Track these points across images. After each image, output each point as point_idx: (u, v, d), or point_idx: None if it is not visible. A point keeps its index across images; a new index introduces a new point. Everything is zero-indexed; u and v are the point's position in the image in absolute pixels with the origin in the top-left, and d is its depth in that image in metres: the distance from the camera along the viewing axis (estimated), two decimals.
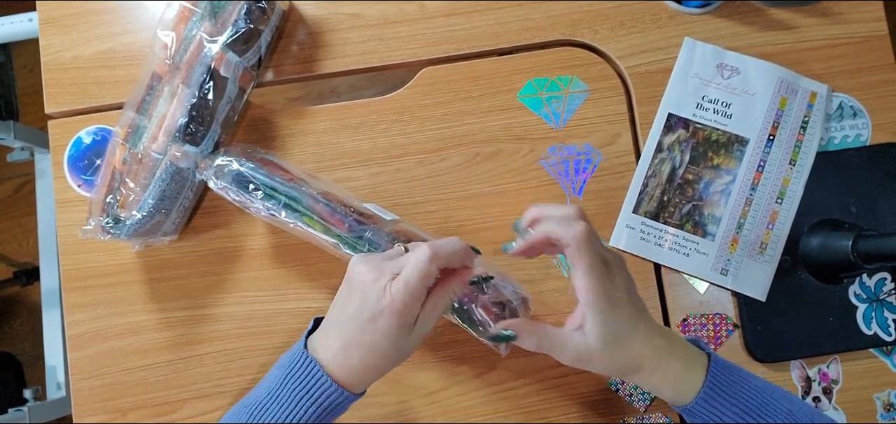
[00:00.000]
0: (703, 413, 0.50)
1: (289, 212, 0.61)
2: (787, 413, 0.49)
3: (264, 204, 0.61)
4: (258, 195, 0.61)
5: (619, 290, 0.49)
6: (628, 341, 0.49)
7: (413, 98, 0.71)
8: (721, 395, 0.49)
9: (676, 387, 0.50)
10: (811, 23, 0.70)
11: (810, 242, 0.66)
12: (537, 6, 0.71)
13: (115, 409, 0.68)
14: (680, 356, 0.51)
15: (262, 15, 0.66)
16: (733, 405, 0.49)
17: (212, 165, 0.62)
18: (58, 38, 0.73)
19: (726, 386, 0.50)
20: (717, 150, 0.68)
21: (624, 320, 0.49)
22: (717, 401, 0.49)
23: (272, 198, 0.61)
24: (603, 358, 0.49)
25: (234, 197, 0.62)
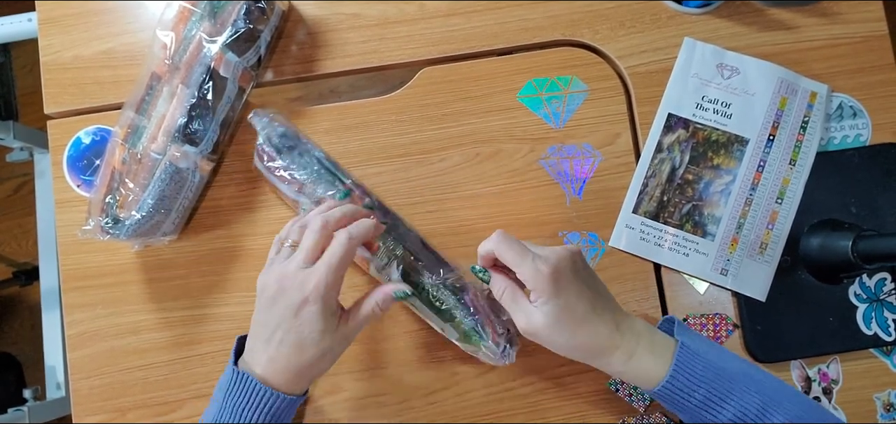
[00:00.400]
0: (669, 396, 0.53)
1: (324, 186, 0.62)
2: (757, 392, 0.52)
3: (303, 172, 0.63)
4: (302, 160, 0.63)
5: (573, 281, 0.52)
6: (580, 325, 0.52)
7: (413, 98, 0.71)
8: (686, 379, 0.52)
9: (641, 374, 0.53)
10: (811, 23, 0.70)
11: (810, 242, 0.66)
12: (537, 6, 0.71)
13: (115, 409, 0.68)
14: (646, 343, 0.54)
15: (262, 15, 0.66)
16: (699, 387, 0.52)
17: (265, 114, 0.64)
18: (57, 38, 0.73)
19: (691, 371, 0.52)
20: (716, 150, 0.68)
21: (574, 305, 0.52)
22: (683, 385, 0.52)
23: (312, 168, 0.63)
24: (550, 336, 0.52)
25: (271, 156, 0.64)
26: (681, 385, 0.52)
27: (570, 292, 0.52)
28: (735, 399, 0.51)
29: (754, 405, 0.51)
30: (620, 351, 0.53)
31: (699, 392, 0.51)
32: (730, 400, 0.51)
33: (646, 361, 0.53)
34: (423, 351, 0.67)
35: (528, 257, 0.51)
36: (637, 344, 0.53)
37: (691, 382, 0.52)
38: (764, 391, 0.52)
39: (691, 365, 0.52)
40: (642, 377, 0.53)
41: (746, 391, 0.52)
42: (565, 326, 0.52)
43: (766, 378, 0.53)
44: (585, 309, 0.52)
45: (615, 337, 0.53)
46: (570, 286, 0.52)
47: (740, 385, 0.52)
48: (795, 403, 0.52)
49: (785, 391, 0.53)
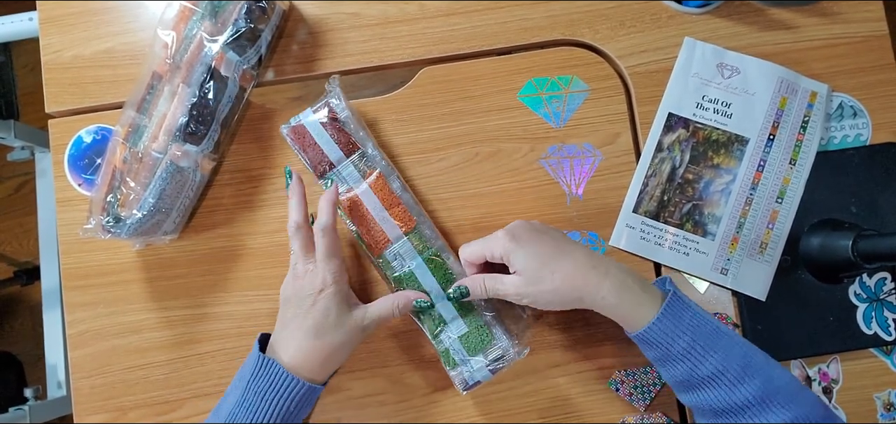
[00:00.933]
0: (654, 340, 0.53)
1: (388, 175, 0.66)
2: (741, 354, 0.52)
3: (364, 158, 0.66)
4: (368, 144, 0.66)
5: (530, 232, 0.58)
6: (555, 261, 0.55)
7: (413, 97, 0.71)
8: (672, 322, 0.53)
9: (631, 310, 0.54)
10: (811, 23, 0.71)
11: (810, 242, 0.66)
12: (537, 6, 0.71)
13: (116, 408, 0.68)
14: (637, 281, 0.55)
15: (263, 14, 0.66)
16: (683, 334, 0.52)
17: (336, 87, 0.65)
18: (58, 37, 0.73)
19: (679, 318, 0.53)
20: (717, 150, 0.68)
21: (543, 251, 0.56)
22: (667, 328, 0.53)
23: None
24: (537, 286, 0.56)
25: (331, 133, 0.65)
26: (667, 328, 0.52)
27: (531, 240, 0.57)
28: (719, 353, 0.51)
29: (736, 364, 0.51)
30: (609, 279, 0.54)
31: (684, 338, 0.52)
32: (713, 354, 0.51)
33: (637, 296, 0.54)
34: (424, 351, 0.67)
35: (491, 237, 0.59)
36: (626, 276, 0.55)
37: (678, 327, 0.52)
38: (747, 355, 0.52)
39: (680, 312, 0.53)
40: (632, 313, 0.54)
41: (731, 349, 0.52)
42: (543, 268, 0.55)
43: (750, 347, 0.53)
44: (552, 247, 0.56)
45: (598, 265, 0.55)
46: (529, 236, 0.57)
47: (725, 342, 0.52)
48: (778, 376, 0.51)
49: (769, 361, 0.53)
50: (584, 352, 0.67)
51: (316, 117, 0.66)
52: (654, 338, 0.53)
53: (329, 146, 0.65)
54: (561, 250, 0.56)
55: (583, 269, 0.55)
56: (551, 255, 0.56)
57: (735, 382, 0.50)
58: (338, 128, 0.65)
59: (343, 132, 0.65)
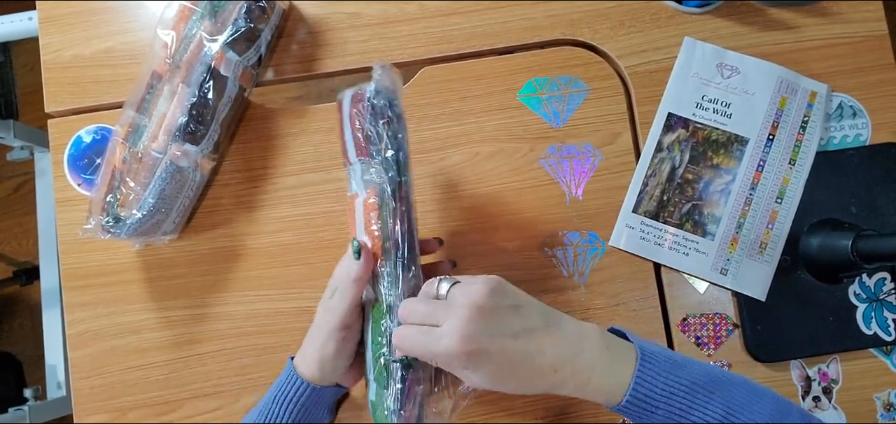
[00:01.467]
0: (633, 414, 0.47)
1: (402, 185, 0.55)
2: (721, 404, 0.47)
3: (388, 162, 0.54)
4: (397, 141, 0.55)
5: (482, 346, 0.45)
6: (515, 376, 0.46)
7: (413, 97, 0.71)
8: (645, 403, 0.47)
9: (597, 399, 0.48)
10: (811, 23, 0.71)
11: (810, 242, 0.66)
12: (537, 5, 0.71)
13: (115, 408, 0.68)
14: (602, 369, 0.47)
15: (263, 14, 0.66)
16: (657, 409, 0.47)
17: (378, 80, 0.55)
18: (58, 36, 0.73)
19: (652, 389, 0.47)
20: (716, 150, 0.68)
21: (499, 366, 0.46)
22: (642, 411, 0.47)
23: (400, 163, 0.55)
24: (497, 390, 0.47)
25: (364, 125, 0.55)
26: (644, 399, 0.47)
27: (489, 358, 0.46)
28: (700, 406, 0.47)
29: (719, 409, 0.47)
30: (574, 380, 0.47)
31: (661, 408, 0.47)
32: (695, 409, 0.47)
33: (605, 374, 0.47)
34: None
35: (433, 347, 0.46)
36: (592, 371, 0.47)
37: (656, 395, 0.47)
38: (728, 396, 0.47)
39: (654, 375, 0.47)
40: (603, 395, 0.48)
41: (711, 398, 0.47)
42: (504, 382, 0.47)
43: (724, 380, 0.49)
44: (515, 362, 0.46)
45: (565, 364, 0.47)
46: (484, 352, 0.45)
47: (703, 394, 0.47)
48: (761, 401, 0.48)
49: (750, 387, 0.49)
50: None
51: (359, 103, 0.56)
52: (632, 416, 0.48)
53: (348, 136, 0.57)
54: (521, 366, 0.46)
55: (547, 376, 0.47)
56: (512, 371, 0.46)
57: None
58: (360, 121, 0.55)
59: (364, 127, 0.55)
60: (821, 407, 0.66)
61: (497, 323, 0.46)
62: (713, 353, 0.66)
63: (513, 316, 0.47)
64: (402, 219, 0.55)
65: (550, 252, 0.68)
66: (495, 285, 0.47)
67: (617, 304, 0.67)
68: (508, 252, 0.68)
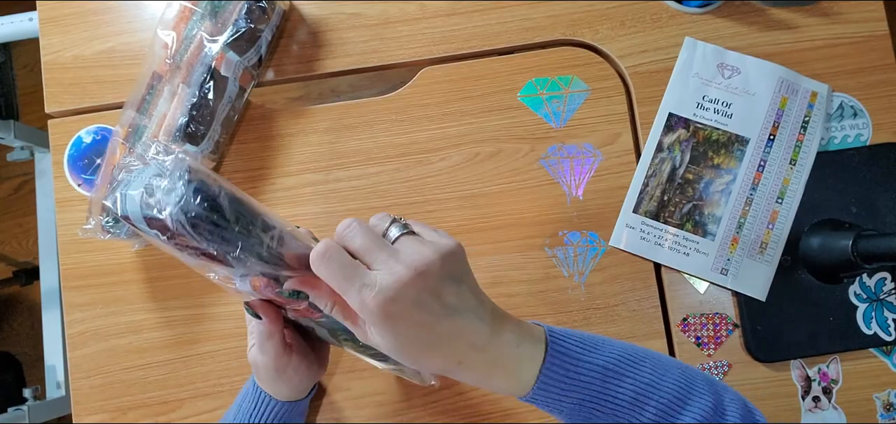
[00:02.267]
0: (543, 401, 0.45)
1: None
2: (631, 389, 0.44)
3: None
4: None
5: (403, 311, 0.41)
6: (422, 353, 0.42)
7: (413, 98, 0.71)
8: (554, 390, 0.44)
9: (501, 388, 0.45)
10: (811, 23, 0.70)
11: (810, 242, 0.66)
12: (538, 6, 0.71)
13: (115, 408, 0.68)
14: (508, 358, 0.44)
15: (263, 14, 0.66)
16: (574, 387, 0.44)
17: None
18: (58, 37, 0.73)
19: (560, 380, 0.44)
20: (717, 150, 0.68)
21: (410, 338, 0.41)
22: (551, 398, 0.44)
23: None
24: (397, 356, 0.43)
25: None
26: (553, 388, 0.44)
27: (404, 325, 0.41)
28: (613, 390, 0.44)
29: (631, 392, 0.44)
30: (471, 376, 0.44)
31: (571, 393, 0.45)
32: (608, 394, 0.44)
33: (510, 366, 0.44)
34: None
35: (355, 286, 0.40)
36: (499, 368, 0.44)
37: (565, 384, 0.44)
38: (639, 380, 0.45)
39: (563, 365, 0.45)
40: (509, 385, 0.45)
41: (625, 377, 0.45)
42: (402, 352, 0.42)
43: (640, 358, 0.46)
44: (426, 340, 0.42)
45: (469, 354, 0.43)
46: (406, 318, 0.41)
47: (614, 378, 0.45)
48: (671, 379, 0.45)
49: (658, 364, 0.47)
50: None
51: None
52: (541, 404, 0.45)
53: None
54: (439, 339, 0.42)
55: (449, 362, 0.43)
56: (422, 348, 0.42)
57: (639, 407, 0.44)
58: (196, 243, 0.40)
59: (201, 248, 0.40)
60: (821, 407, 0.66)
61: (432, 297, 0.41)
62: (713, 353, 0.66)
63: (451, 290, 0.43)
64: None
65: (551, 252, 0.68)
66: (448, 253, 0.42)
67: (617, 304, 0.67)
68: (509, 252, 0.68)
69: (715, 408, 0.44)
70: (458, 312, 0.43)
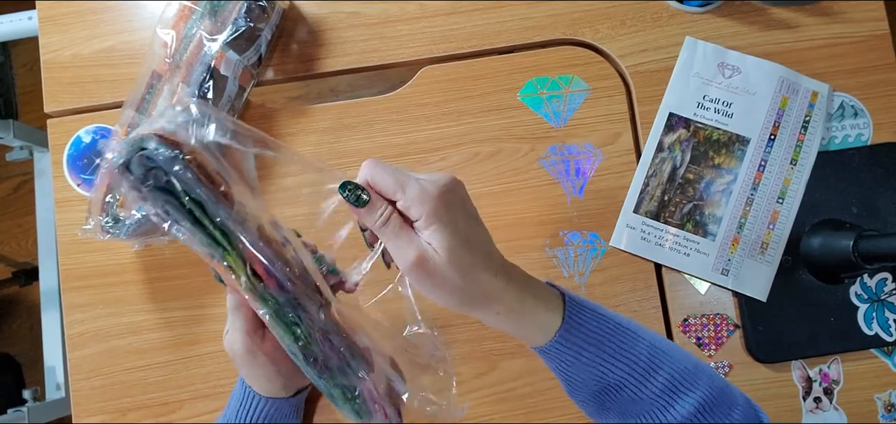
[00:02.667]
0: (560, 353, 0.47)
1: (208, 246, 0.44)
2: (647, 347, 0.47)
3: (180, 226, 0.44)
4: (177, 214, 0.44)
5: (457, 205, 0.43)
6: (473, 265, 0.43)
7: (413, 97, 0.71)
8: (578, 334, 0.46)
9: (531, 328, 0.47)
10: (812, 22, 0.70)
11: (811, 242, 0.66)
12: (538, 5, 0.71)
13: (115, 409, 0.68)
14: (535, 292, 0.47)
15: (262, 13, 0.66)
16: (590, 344, 0.46)
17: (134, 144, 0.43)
18: (57, 36, 0.73)
19: (584, 325, 0.47)
20: (718, 150, 0.68)
21: (468, 236, 0.43)
22: (575, 340, 0.46)
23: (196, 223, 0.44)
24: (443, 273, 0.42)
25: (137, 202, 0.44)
26: (572, 340, 0.47)
27: (460, 220, 0.43)
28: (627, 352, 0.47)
29: (644, 357, 0.47)
30: (503, 304, 0.45)
31: (589, 349, 0.47)
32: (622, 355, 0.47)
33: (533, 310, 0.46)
34: None
35: (411, 177, 0.43)
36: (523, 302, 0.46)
37: (583, 337, 0.47)
38: (652, 344, 0.48)
39: (581, 321, 0.47)
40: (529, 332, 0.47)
41: (636, 343, 0.47)
42: (459, 260, 0.42)
43: (651, 333, 0.49)
44: (480, 245, 0.44)
45: (505, 289, 0.45)
46: (461, 212, 0.43)
47: (630, 338, 0.48)
48: (679, 358, 0.48)
49: (668, 345, 0.49)
50: None
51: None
52: (555, 357, 0.47)
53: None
54: (483, 257, 0.44)
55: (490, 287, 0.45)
56: (476, 256, 0.44)
57: (644, 377, 0.46)
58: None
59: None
60: (822, 408, 0.66)
61: (469, 201, 0.46)
62: (714, 354, 0.66)
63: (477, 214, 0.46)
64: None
65: (551, 252, 0.68)
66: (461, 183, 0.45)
67: (617, 305, 0.67)
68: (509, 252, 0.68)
69: (721, 396, 0.46)
70: (488, 235, 0.47)
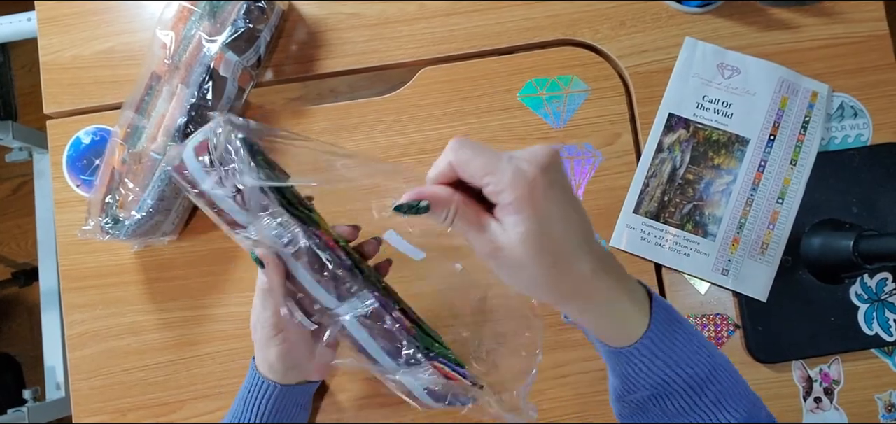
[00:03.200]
0: (635, 357, 0.43)
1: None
2: (708, 358, 0.45)
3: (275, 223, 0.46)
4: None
5: (554, 192, 0.37)
6: (561, 259, 0.38)
7: (413, 98, 0.70)
8: (662, 341, 0.43)
9: (616, 329, 0.43)
10: (812, 22, 0.70)
11: (811, 242, 0.66)
12: (537, 6, 0.71)
13: (115, 409, 0.68)
14: (630, 292, 0.43)
15: (262, 14, 0.66)
16: (667, 352, 0.43)
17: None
18: (57, 37, 0.73)
19: (668, 333, 0.43)
20: (717, 150, 0.68)
21: (558, 230, 0.38)
22: (656, 348, 0.43)
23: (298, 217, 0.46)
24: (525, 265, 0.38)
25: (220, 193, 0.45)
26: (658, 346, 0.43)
27: (555, 207, 0.37)
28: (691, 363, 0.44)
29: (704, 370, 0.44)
30: (593, 301, 0.41)
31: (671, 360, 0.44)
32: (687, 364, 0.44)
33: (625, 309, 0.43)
34: None
35: (504, 158, 0.37)
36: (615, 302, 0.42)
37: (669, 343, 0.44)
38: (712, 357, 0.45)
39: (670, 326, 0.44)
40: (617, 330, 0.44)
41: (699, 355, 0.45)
42: (546, 252, 0.37)
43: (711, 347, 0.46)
44: (574, 234, 0.39)
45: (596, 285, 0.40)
46: (558, 195, 0.38)
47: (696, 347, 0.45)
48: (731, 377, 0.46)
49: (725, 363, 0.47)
50: (586, 352, 0.67)
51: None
52: (628, 365, 0.44)
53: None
54: (573, 251, 0.39)
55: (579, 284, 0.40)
56: (565, 251, 0.38)
57: (699, 389, 0.44)
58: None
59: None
60: (822, 408, 0.66)
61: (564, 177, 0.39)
62: None
63: (574, 194, 0.41)
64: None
65: None
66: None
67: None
68: None
69: (756, 418, 0.46)
70: (587, 221, 0.41)
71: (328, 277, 0.48)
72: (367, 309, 0.49)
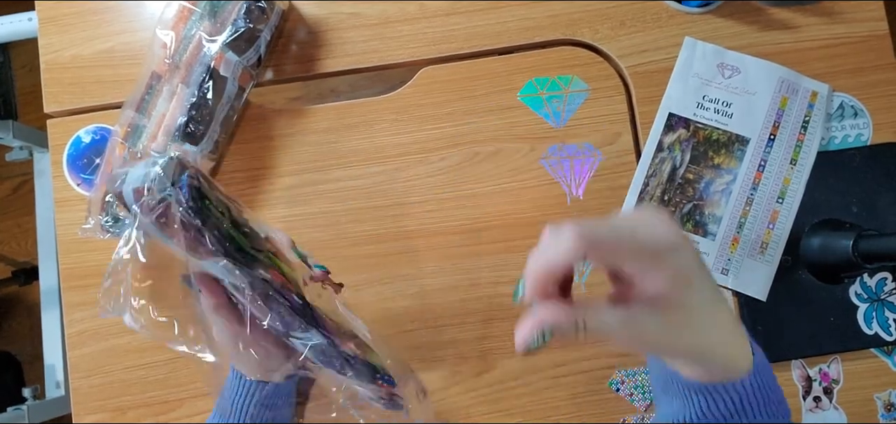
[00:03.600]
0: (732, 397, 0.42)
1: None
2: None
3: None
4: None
5: (701, 269, 0.36)
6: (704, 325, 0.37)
7: (413, 97, 0.71)
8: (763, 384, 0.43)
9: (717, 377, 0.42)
10: (812, 22, 0.70)
11: (811, 242, 0.66)
12: (538, 5, 0.71)
13: (115, 408, 0.68)
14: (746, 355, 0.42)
15: (262, 14, 0.66)
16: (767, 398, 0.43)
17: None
18: (57, 37, 0.73)
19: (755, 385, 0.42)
20: (717, 150, 0.68)
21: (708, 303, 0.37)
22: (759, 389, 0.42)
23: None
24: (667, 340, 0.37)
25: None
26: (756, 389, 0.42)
27: (703, 282, 0.37)
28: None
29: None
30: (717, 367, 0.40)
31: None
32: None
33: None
34: (424, 351, 0.67)
35: (662, 246, 0.35)
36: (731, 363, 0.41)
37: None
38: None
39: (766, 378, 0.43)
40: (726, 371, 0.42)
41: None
42: (683, 330, 0.37)
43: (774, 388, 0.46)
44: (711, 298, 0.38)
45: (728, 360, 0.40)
46: (703, 273, 0.37)
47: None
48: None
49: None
50: (584, 352, 0.67)
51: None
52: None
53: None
54: (716, 305, 0.38)
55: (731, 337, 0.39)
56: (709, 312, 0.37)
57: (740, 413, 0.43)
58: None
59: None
60: (821, 407, 0.66)
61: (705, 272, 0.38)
62: None
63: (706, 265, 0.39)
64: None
65: None
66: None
67: None
68: (509, 252, 0.68)
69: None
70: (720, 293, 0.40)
71: (276, 316, 0.48)
72: (320, 344, 0.51)
